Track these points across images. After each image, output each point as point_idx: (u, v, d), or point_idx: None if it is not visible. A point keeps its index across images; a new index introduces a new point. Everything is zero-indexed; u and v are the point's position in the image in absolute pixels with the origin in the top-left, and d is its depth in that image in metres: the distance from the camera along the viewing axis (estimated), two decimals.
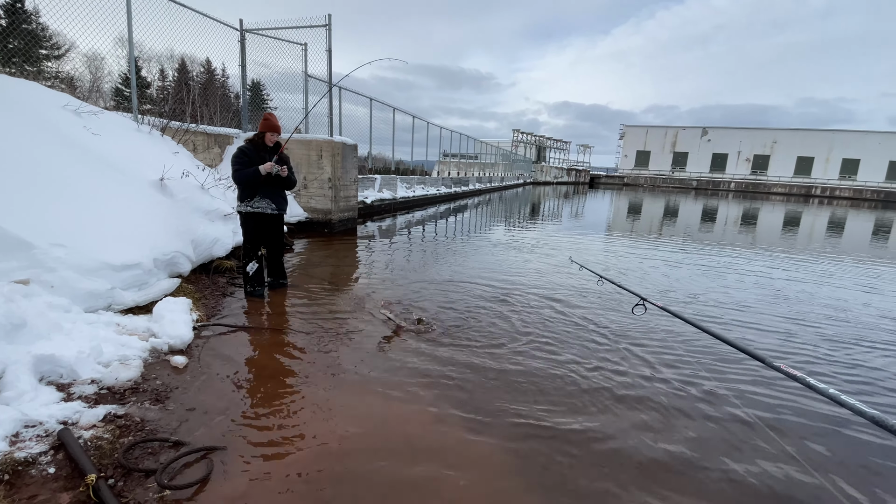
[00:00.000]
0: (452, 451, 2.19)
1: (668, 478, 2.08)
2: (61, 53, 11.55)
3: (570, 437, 2.35)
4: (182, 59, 14.30)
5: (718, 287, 5.83)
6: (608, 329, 4.00)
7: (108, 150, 4.65)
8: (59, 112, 4.73)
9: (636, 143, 61.65)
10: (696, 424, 2.54)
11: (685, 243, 9.89)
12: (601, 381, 3.00)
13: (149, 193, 4.51)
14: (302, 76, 8.84)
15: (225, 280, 4.77)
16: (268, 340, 3.40)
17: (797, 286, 6.12)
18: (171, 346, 2.98)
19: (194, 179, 5.33)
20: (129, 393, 2.43)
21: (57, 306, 2.81)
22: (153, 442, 2.06)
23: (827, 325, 4.52)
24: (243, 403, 2.50)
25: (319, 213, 8.56)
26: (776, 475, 2.14)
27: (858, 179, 50.01)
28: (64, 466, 1.81)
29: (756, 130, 56.26)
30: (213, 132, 8.00)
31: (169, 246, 4.01)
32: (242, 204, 4.22)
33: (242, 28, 8.49)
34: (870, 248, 10.77)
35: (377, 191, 12.78)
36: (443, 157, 24.05)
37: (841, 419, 2.66)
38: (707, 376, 3.14)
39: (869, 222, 18.77)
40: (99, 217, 3.66)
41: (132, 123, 6.14)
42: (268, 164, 4.09)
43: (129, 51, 6.42)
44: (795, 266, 7.70)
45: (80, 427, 2.05)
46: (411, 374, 2.94)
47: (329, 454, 2.10)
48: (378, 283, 5.17)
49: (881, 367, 3.54)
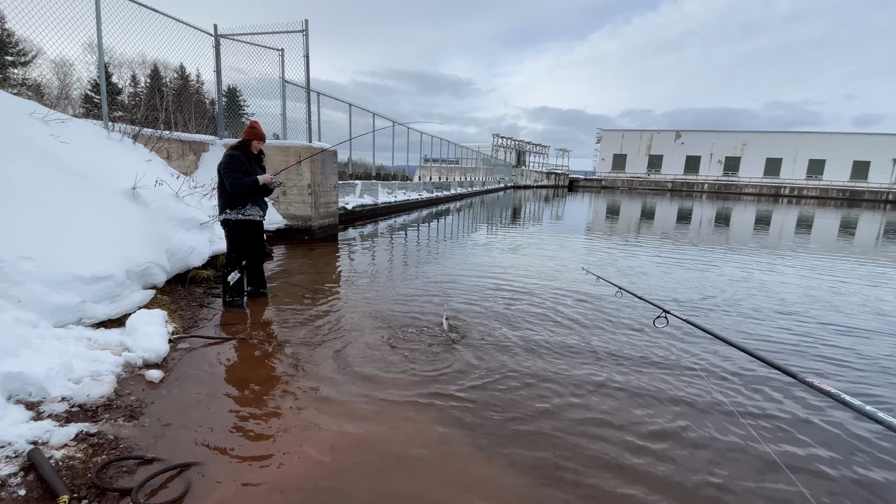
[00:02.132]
0: (435, 466, 2.18)
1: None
2: (28, 60, 11.16)
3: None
4: (155, 65, 13.99)
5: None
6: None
7: (78, 159, 4.52)
8: (25, 120, 4.58)
9: (613, 147, 62.91)
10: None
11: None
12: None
13: (120, 203, 4.39)
14: (279, 82, 8.76)
15: (202, 290, 4.68)
16: (247, 352, 3.34)
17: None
18: (145, 360, 2.90)
19: (168, 188, 5.22)
20: (102, 410, 2.36)
21: (25, 321, 2.71)
22: (128, 460, 2.01)
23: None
24: (221, 417, 2.46)
25: (299, 220, 8.47)
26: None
27: (824, 179, 52.04)
28: (35, 488, 1.75)
29: (727, 133, 58.08)
30: (187, 139, 7.85)
31: (142, 256, 3.91)
32: (233, 211, 4.16)
33: (217, 33, 8.38)
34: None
35: (358, 196, 12.71)
36: (424, 162, 24.08)
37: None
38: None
39: (836, 220, 19.55)
40: (68, 228, 3.55)
41: (102, 131, 5.98)
42: (267, 176, 4.23)
43: (99, 56, 6.26)
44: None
45: (50, 447, 1.99)
46: (397, 386, 2.93)
47: (309, 469, 2.08)
48: (360, 291, 5.14)
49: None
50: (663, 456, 2.27)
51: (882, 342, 4.13)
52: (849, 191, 47.26)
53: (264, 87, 8.88)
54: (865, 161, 51.49)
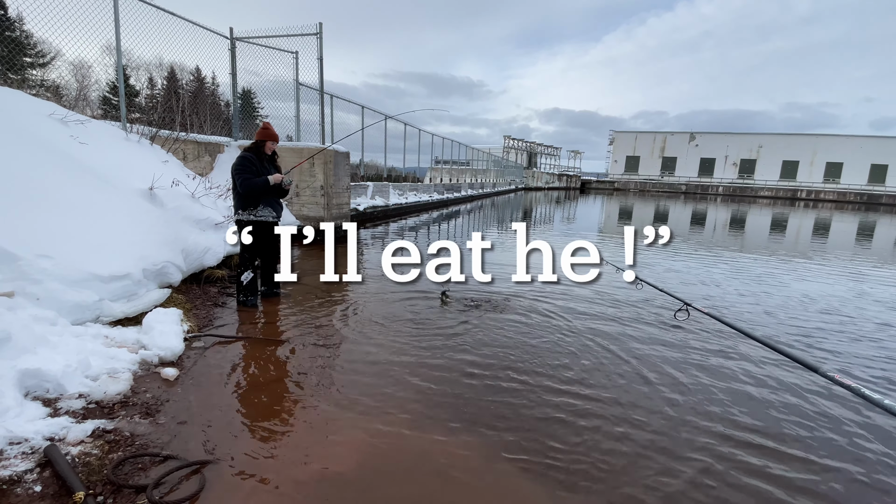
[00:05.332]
0: (450, 467, 2.14)
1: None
2: (46, 61, 11.40)
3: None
4: (171, 68, 14.21)
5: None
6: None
7: (96, 160, 4.58)
8: (44, 121, 4.66)
9: (626, 149, 62.29)
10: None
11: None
12: None
13: (138, 203, 4.44)
14: (293, 84, 8.82)
15: (216, 290, 4.71)
16: (261, 351, 3.34)
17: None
18: (161, 358, 2.91)
19: (184, 188, 5.27)
20: (119, 407, 2.37)
21: (43, 319, 2.74)
22: (143, 457, 2.01)
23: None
24: (236, 416, 2.45)
25: (312, 221, 8.50)
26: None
27: (842, 182, 50.96)
28: (51, 484, 1.75)
29: (742, 135, 57.15)
30: (203, 140, 7.94)
31: (159, 256, 3.94)
32: (245, 213, 4.20)
33: (233, 36, 8.47)
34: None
35: (370, 198, 12.75)
36: (435, 164, 24.10)
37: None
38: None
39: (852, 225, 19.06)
40: (86, 227, 3.59)
41: (120, 132, 6.06)
42: (277, 176, 4.22)
43: (118, 59, 6.36)
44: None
45: (67, 443, 1.99)
46: (411, 389, 2.88)
47: (326, 470, 2.05)
48: (372, 291, 5.13)
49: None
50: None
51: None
52: (866, 194, 46.21)
53: (278, 90, 8.95)
54: (883, 164, 50.31)
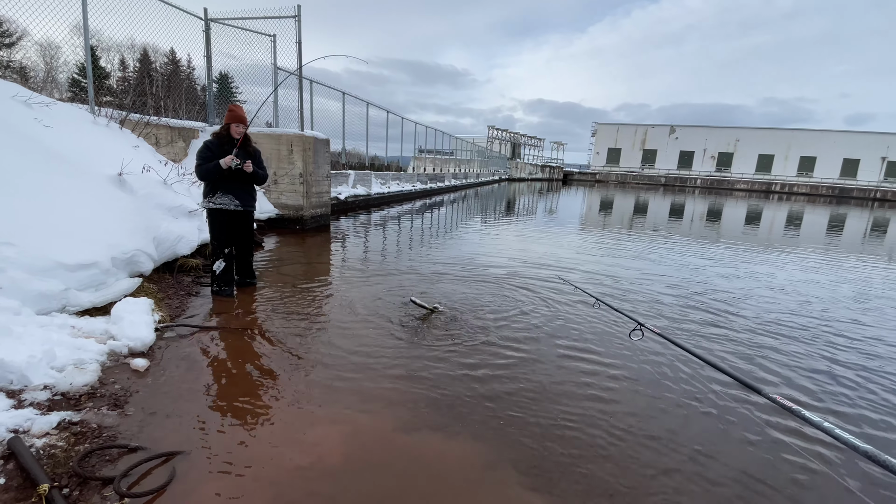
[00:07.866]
0: (427, 459, 2.18)
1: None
2: (12, 41, 10.88)
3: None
4: (144, 49, 13.73)
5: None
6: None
7: (62, 143, 4.42)
8: (6, 103, 4.47)
9: (608, 141, 62.93)
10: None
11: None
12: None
13: (106, 189, 4.31)
14: (271, 68, 8.62)
15: (190, 279, 4.63)
16: (234, 341, 3.31)
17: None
18: (130, 349, 2.87)
19: (156, 174, 5.14)
20: (86, 398, 2.33)
21: (6, 308, 2.66)
22: (111, 449, 1.99)
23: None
24: (207, 406, 2.44)
25: (290, 210, 8.39)
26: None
27: (815, 176, 52.54)
28: (15, 476, 1.73)
29: (720, 129, 58.29)
30: (176, 125, 7.71)
31: (129, 244, 3.85)
32: (205, 200, 4.11)
33: (207, 17, 8.19)
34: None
35: (351, 186, 12.62)
36: (418, 153, 23.94)
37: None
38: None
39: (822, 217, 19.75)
40: (51, 214, 3.48)
41: (88, 115, 5.85)
42: (227, 158, 3.91)
43: (85, 37, 6.10)
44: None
45: (31, 435, 1.96)
46: (387, 379, 2.91)
47: (296, 460, 2.06)
48: (350, 281, 5.12)
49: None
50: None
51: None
52: (838, 188, 47.81)
53: (256, 74, 8.73)
54: (855, 159, 52.03)
